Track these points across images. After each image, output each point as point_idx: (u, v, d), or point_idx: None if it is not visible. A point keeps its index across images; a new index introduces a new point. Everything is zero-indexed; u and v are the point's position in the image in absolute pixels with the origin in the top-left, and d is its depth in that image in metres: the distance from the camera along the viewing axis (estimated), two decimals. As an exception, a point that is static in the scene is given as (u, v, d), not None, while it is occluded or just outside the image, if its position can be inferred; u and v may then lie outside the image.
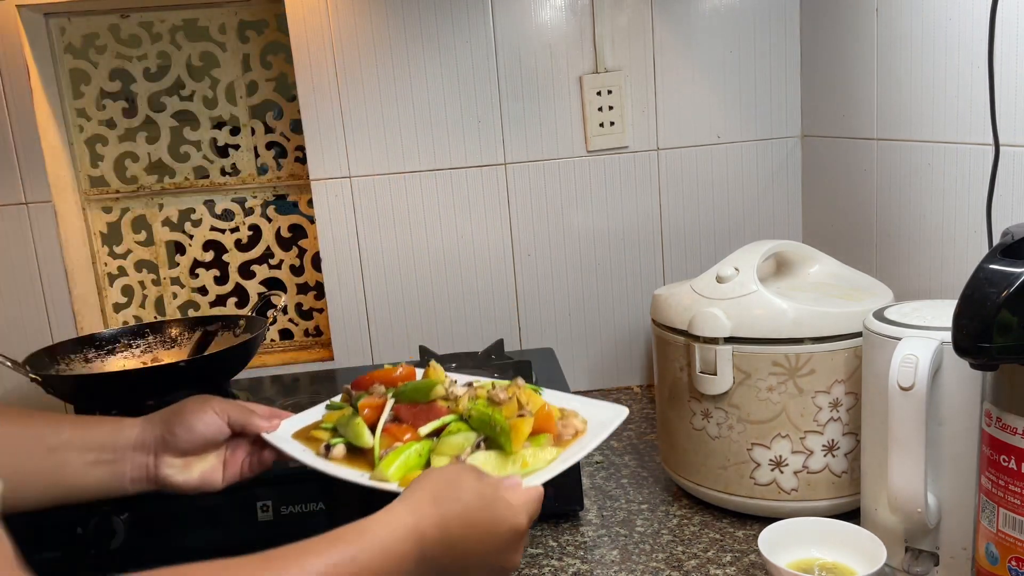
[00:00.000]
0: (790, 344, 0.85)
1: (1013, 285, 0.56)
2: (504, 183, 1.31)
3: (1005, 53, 0.82)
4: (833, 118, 1.21)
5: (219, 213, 1.40)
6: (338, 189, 1.29)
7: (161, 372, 1.08)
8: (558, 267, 1.34)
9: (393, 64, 1.26)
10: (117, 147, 1.36)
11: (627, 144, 1.31)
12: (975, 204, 0.90)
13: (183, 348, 1.24)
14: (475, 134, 1.29)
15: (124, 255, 1.40)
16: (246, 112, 1.37)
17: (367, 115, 1.28)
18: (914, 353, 0.71)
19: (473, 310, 1.35)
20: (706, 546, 0.88)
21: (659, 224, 1.34)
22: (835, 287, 0.95)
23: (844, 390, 0.86)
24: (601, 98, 1.29)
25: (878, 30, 1.05)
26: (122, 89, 1.35)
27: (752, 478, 0.90)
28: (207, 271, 1.41)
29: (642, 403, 1.32)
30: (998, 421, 0.63)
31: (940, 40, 0.93)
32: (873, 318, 0.79)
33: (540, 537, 0.93)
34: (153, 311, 1.42)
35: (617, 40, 1.28)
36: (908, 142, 1.01)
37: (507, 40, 1.27)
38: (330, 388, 1.19)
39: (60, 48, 1.32)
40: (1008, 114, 0.82)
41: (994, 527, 0.65)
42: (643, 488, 1.03)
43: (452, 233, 1.32)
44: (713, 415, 0.90)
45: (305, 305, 1.43)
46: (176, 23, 1.33)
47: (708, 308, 0.89)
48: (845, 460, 0.88)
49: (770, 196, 1.34)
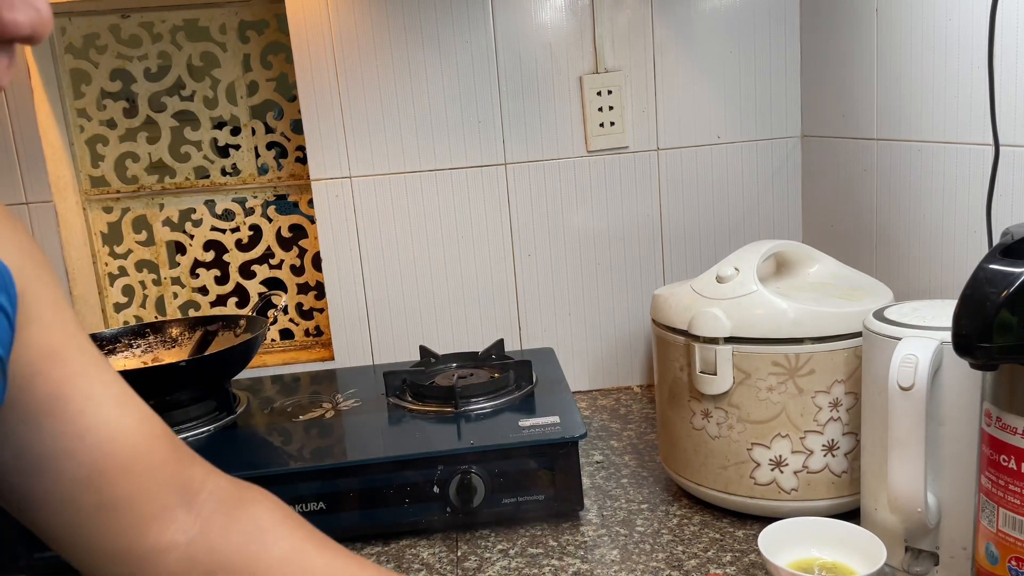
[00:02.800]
0: (790, 344, 0.85)
1: (1013, 285, 0.56)
2: (504, 183, 1.31)
3: (1005, 53, 0.82)
4: (833, 118, 1.21)
5: (220, 213, 1.40)
6: (338, 189, 1.29)
7: (162, 372, 1.08)
8: (558, 267, 1.34)
9: (393, 64, 1.27)
10: (118, 147, 1.37)
11: (627, 144, 1.31)
12: (975, 204, 0.90)
13: (184, 348, 1.24)
14: (475, 134, 1.29)
15: (125, 255, 1.40)
16: (247, 112, 1.37)
17: (367, 115, 1.28)
18: (914, 353, 0.71)
19: (473, 310, 1.35)
20: (706, 546, 0.88)
21: (659, 224, 1.34)
22: (835, 287, 0.95)
23: (844, 390, 0.86)
24: (601, 98, 1.29)
25: (878, 30, 1.05)
26: (123, 89, 1.35)
27: (752, 478, 0.90)
28: (208, 271, 1.41)
29: (642, 403, 1.32)
30: (998, 421, 0.63)
31: (940, 40, 0.93)
32: (873, 318, 0.79)
33: (540, 537, 0.93)
34: (154, 311, 1.42)
35: (617, 40, 1.28)
36: (908, 142, 1.01)
37: (507, 40, 1.27)
38: (330, 388, 1.20)
39: (61, 48, 1.32)
40: (1008, 114, 0.82)
41: (994, 527, 0.65)
42: (643, 488, 1.03)
43: (452, 233, 1.32)
44: (713, 415, 0.90)
45: (305, 305, 1.43)
46: (177, 23, 1.33)
47: (708, 308, 0.89)
48: (845, 460, 0.88)
49: (770, 196, 1.34)
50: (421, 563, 0.90)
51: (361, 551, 0.93)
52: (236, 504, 0.56)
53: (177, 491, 0.54)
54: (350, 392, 1.17)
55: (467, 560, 0.89)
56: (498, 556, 0.90)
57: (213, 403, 1.10)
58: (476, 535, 0.94)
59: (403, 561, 0.90)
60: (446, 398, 1.07)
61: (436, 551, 0.92)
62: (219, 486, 0.57)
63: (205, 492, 0.55)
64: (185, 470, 0.55)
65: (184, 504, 0.54)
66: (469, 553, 0.91)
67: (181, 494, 0.54)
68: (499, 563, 0.88)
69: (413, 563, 0.90)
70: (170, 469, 0.54)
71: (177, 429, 1.05)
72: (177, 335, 1.26)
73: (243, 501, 0.57)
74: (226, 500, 0.56)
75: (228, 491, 0.57)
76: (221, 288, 1.42)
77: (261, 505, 0.58)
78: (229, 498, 0.56)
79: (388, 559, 0.91)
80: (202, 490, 0.55)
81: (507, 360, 1.19)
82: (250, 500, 0.58)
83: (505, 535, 0.94)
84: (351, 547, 0.93)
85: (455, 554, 0.91)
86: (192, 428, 1.06)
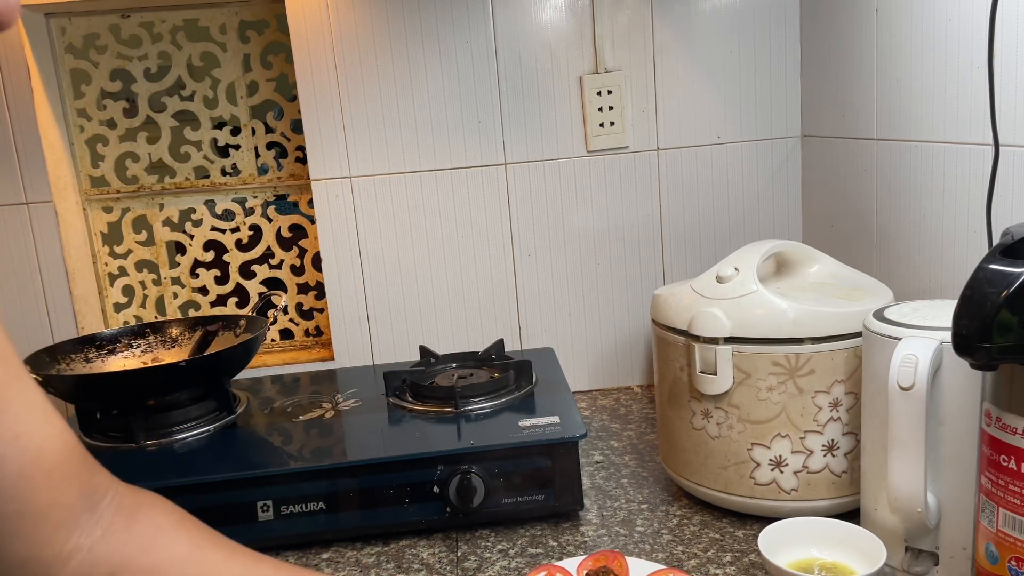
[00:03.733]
0: (790, 344, 0.85)
1: (1013, 285, 0.56)
2: (504, 183, 1.31)
3: (1005, 53, 0.82)
4: (833, 118, 1.21)
5: (220, 213, 1.40)
6: (338, 189, 1.29)
7: (162, 372, 1.08)
8: (558, 267, 1.34)
9: (393, 64, 1.27)
10: (118, 147, 1.37)
11: (627, 144, 1.31)
12: (975, 204, 0.90)
13: (184, 348, 1.24)
14: (475, 134, 1.29)
15: (125, 255, 1.40)
16: (247, 112, 1.37)
17: (367, 115, 1.28)
18: (914, 353, 0.71)
19: (473, 310, 1.35)
20: (706, 546, 0.88)
21: (659, 224, 1.34)
22: (835, 287, 0.95)
23: (844, 390, 0.86)
24: (601, 98, 1.29)
25: (878, 30, 1.05)
26: (123, 89, 1.35)
27: (752, 478, 0.90)
28: (208, 271, 1.41)
29: (642, 403, 1.32)
30: (998, 421, 0.63)
31: (940, 40, 0.93)
32: (873, 318, 0.79)
33: (540, 537, 0.93)
34: (154, 311, 1.42)
35: (617, 40, 1.28)
36: (908, 142, 1.01)
37: (507, 40, 1.27)
38: (330, 388, 1.20)
39: (61, 48, 1.32)
40: (1008, 114, 0.82)
41: (994, 527, 0.65)
42: (643, 488, 1.03)
43: (452, 233, 1.32)
44: (713, 415, 0.90)
45: (305, 305, 1.43)
46: (177, 23, 1.33)
47: (708, 308, 0.89)
48: (845, 460, 0.88)
49: (770, 196, 1.34)
50: (421, 563, 0.90)
51: (361, 551, 0.93)
52: (135, 509, 0.57)
53: (85, 497, 0.55)
54: (350, 392, 1.17)
55: (467, 560, 0.89)
56: (498, 556, 0.90)
57: (213, 403, 1.10)
58: (476, 535, 0.94)
59: (403, 561, 0.90)
60: (446, 398, 1.07)
61: (436, 551, 0.92)
62: (120, 492, 0.58)
63: (108, 498, 0.56)
64: (93, 478, 0.56)
65: (88, 509, 0.55)
66: (469, 553, 0.91)
67: (87, 499, 0.55)
68: (499, 563, 0.88)
69: (413, 563, 0.90)
70: (83, 477, 0.55)
71: (177, 429, 1.06)
72: (177, 335, 1.26)
73: (142, 506, 0.58)
74: (126, 505, 0.57)
75: (128, 497, 0.58)
76: (221, 288, 1.42)
77: (158, 509, 0.59)
78: (129, 504, 0.57)
79: (388, 559, 0.91)
80: (105, 496, 0.56)
81: (507, 360, 1.19)
82: (148, 505, 0.59)
83: (505, 535, 0.94)
84: (351, 547, 0.94)
85: (455, 554, 0.91)
86: (192, 428, 1.06)
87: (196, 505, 0.91)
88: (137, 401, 1.05)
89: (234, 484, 0.92)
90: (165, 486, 0.91)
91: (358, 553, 0.93)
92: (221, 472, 0.93)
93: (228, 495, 0.92)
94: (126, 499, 0.58)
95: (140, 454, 1.02)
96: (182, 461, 0.99)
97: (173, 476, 0.93)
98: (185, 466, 0.97)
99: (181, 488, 0.91)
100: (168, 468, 0.97)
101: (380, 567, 0.90)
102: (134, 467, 0.98)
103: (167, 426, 1.06)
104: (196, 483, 0.92)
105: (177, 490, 0.92)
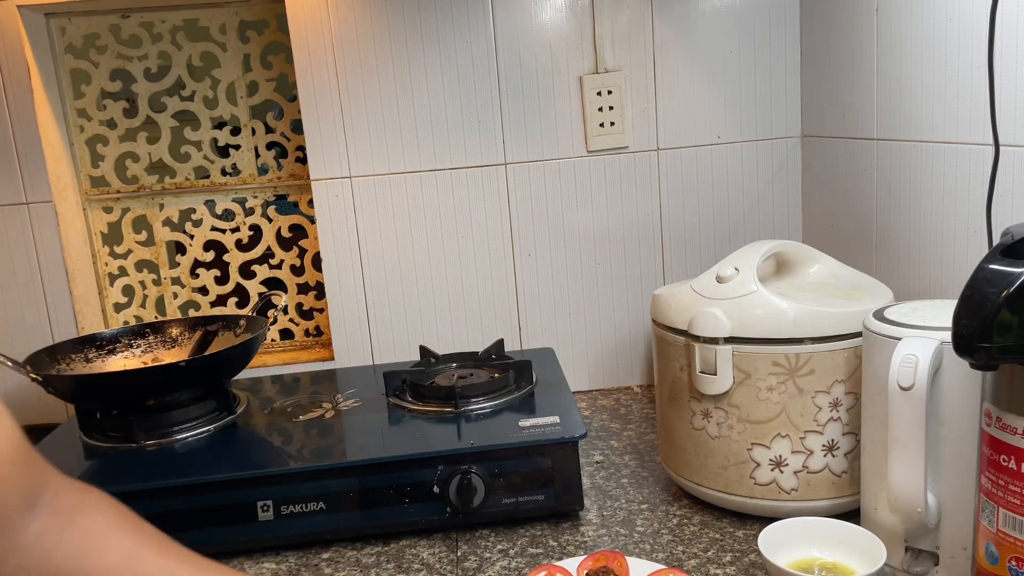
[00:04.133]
0: (790, 344, 0.85)
1: (1013, 285, 0.56)
2: (504, 183, 1.31)
3: (1005, 53, 0.82)
4: (833, 118, 1.21)
5: (220, 213, 1.40)
6: (338, 189, 1.30)
7: (161, 372, 1.08)
8: (558, 267, 1.34)
9: (393, 64, 1.27)
10: (118, 147, 1.37)
11: (627, 144, 1.31)
12: (975, 204, 0.90)
13: (184, 348, 1.24)
14: (475, 134, 1.29)
15: (125, 255, 1.40)
16: (247, 112, 1.37)
17: (367, 115, 1.28)
18: (914, 353, 0.71)
19: (473, 310, 1.35)
20: (706, 546, 0.88)
21: (659, 224, 1.34)
22: (835, 287, 0.95)
23: (844, 390, 0.86)
24: (601, 98, 1.29)
25: (878, 30, 1.05)
26: (123, 89, 1.35)
27: (752, 478, 0.90)
28: (208, 271, 1.41)
29: (642, 403, 1.32)
30: (998, 421, 0.63)
31: (940, 40, 0.93)
32: (873, 318, 0.79)
33: (540, 537, 0.93)
34: (154, 311, 1.42)
35: (617, 40, 1.28)
36: (908, 142, 1.01)
37: (507, 40, 1.27)
38: (330, 388, 1.20)
39: (61, 48, 1.32)
40: (1008, 114, 0.82)
41: (994, 527, 0.65)
42: (643, 488, 1.03)
43: (452, 233, 1.32)
44: (713, 415, 0.90)
45: (305, 305, 1.43)
46: (177, 23, 1.33)
47: (708, 308, 0.89)
48: (845, 460, 0.88)
49: (770, 196, 1.34)
50: (421, 563, 0.90)
51: (361, 551, 0.93)
52: (75, 510, 0.57)
53: (26, 496, 0.54)
54: (350, 392, 1.17)
55: (467, 560, 0.89)
56: (498, 556, 0.90)
57: (213, 403, 1.10)
58: (476, 535, 0.94)
59: (403, 561, 0.90)
60: (446, 398, 1.07)
61: (436, 551, 0.92)
62: (61, 492, 0.57)
63: (47, 496, 0.55)
64: (36, 475, 0.55)
65: (28, 508, 0.54)
66: (469, 553, 0.91)
67: (27, 498, 0.54)
68: (499, 563, 0.88)
69: (413, 563, 0.90)
70: (29, 475, 0.54)
71: (177, 429, 1.06)
72: (177, 335, 1.26)
73: (83, 507, 0.57)
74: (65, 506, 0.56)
75: (70, 496, 0.57)
76: (221, 288, 1.42)
77: (101, 511, 0.58)
78: (69, 504, 0.57)
79: (388, 559, 0.91)
80: (44, 494, 0.55)
81: (507, 360, 1.19)
82: (90, 506, 0.58)
83: (505, 535, 0.94)
84: (351, 547, 0.94)
85: (455, 554, 0.91)
86: (192, 428, 1.06)
87: (196, 505, 0.92)
88: (137, 401, 1.05)
89: (234, 484, 0.92)
90: (165, 486, 0.92)
91: (358, 553, 0.93)
92: (221, 472, 0.93)
93: (228, 495, 0.92)
94: (67, 499, 0.57)
95: (140, 454, 1.02)
96: (182, 461, 0.99)
97: (173, 476, 0.93)
98: (185, 466, 0.97)
99: (181, 488, 0.92)
100: (168, 468, 0.97)
101: (380, 567, 0.90)
102: (134, 467, 0.98)
103: (167, 426, 1.06)
104: (196, 483, 0.92)
105: (177, 490, 0.92)
